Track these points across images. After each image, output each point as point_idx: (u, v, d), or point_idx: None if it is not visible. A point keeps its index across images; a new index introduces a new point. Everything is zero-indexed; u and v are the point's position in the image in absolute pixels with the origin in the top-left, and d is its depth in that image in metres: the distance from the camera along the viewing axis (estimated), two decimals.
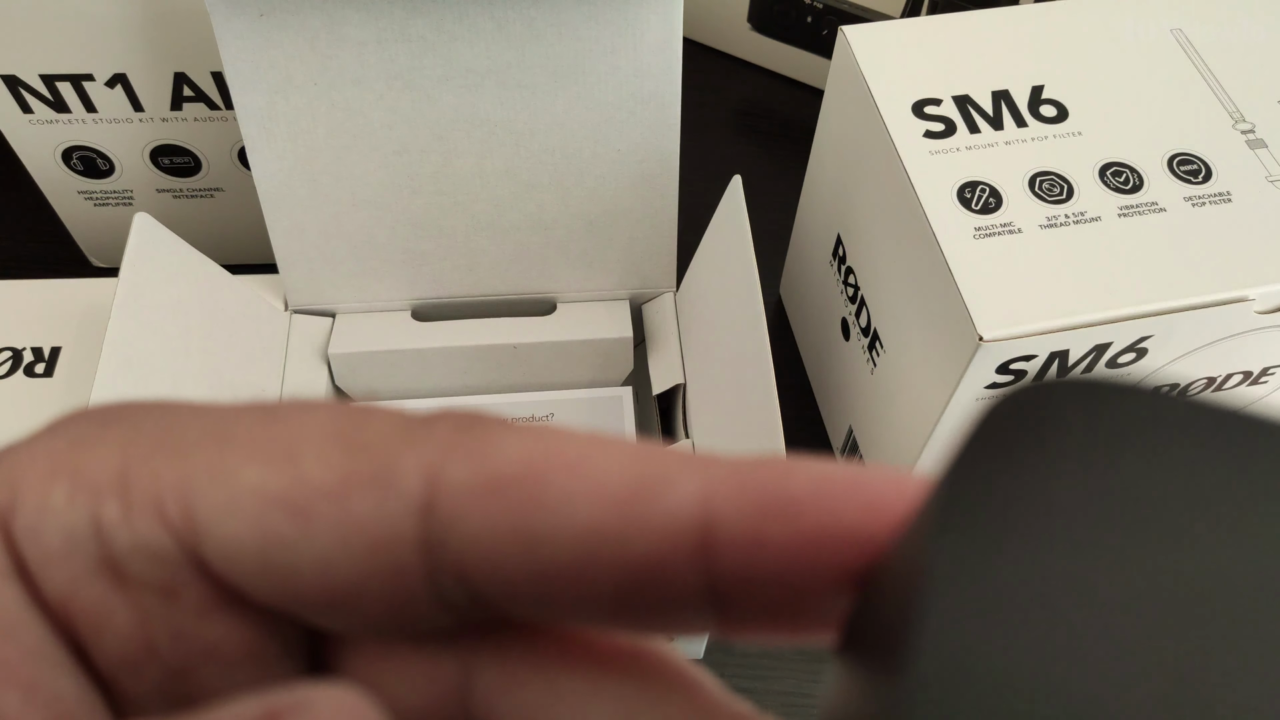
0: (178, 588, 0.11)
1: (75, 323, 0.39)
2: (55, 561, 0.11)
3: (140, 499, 0.11)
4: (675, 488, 0.10)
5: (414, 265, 0.40)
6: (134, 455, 0.11)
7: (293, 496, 0.10)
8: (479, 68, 0.35)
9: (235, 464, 0.11)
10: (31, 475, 0.11)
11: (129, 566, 0.11)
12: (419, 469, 0.10)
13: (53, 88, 0.39)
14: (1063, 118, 0.34)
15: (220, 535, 0.10)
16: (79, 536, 0.11)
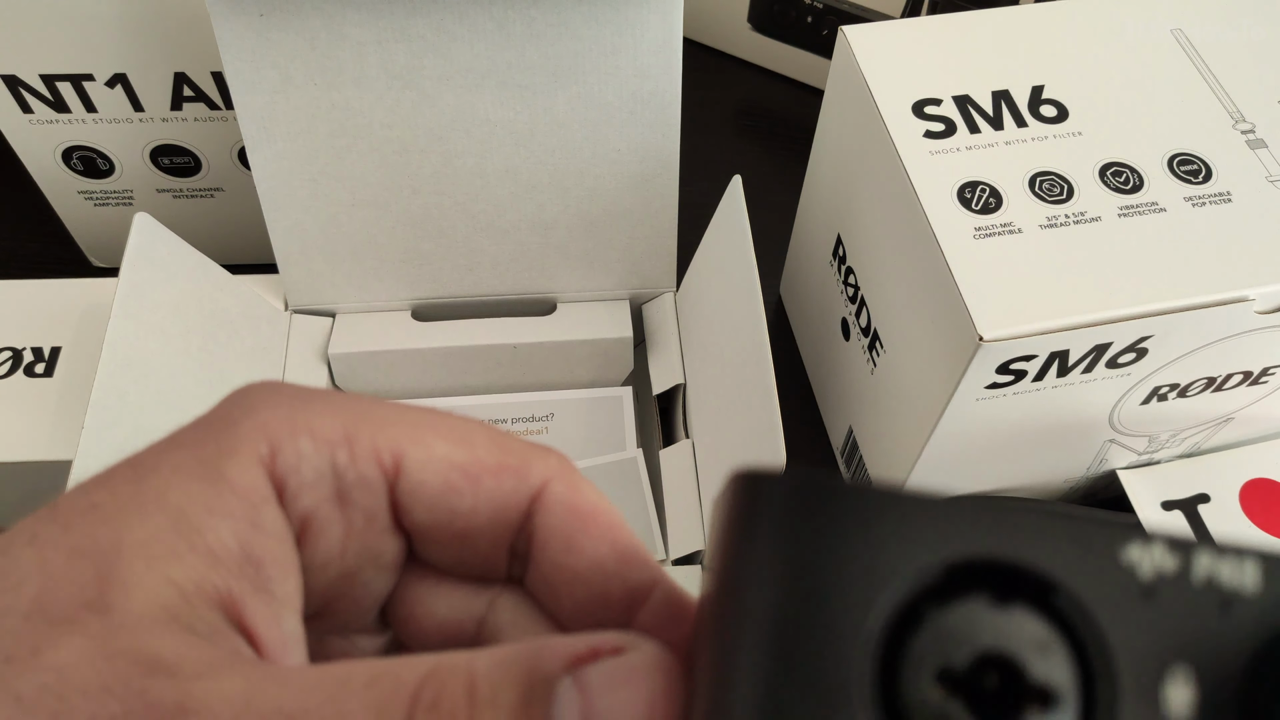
0: (377, 513, 0.16)
1: (75, 323, 0.39)
2: (306, 489, 0.16)
3: (362, 452, 0.16)
4: (646, 570, 0.17)
5: (414, 265, 0.40)
6: (350, 421, 0.16)
7: (469, 467, 0.16)
8: (479, 68, 0.35)
9: (431, 437, 0.16)
10: (280, 431, 0.15)
11: (351, 494, 0.16)
12: (541, 475, 0.17)
13: (53, 88, 0.39)
14: (1063, 118, 0.33)
15: (417, 480, 0.16)
16: (323, 472, 0.16)
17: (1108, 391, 0.33)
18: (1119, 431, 0.36)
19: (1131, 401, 0.34)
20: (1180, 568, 0.11)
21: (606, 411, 0.41)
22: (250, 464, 0.15)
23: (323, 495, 0.16)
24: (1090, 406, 0.34)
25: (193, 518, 0.14)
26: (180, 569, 0.14)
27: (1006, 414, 0.33)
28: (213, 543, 0.14)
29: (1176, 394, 0.34)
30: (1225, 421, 0.37)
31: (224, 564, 0.14)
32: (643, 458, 0.39)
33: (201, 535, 0.14)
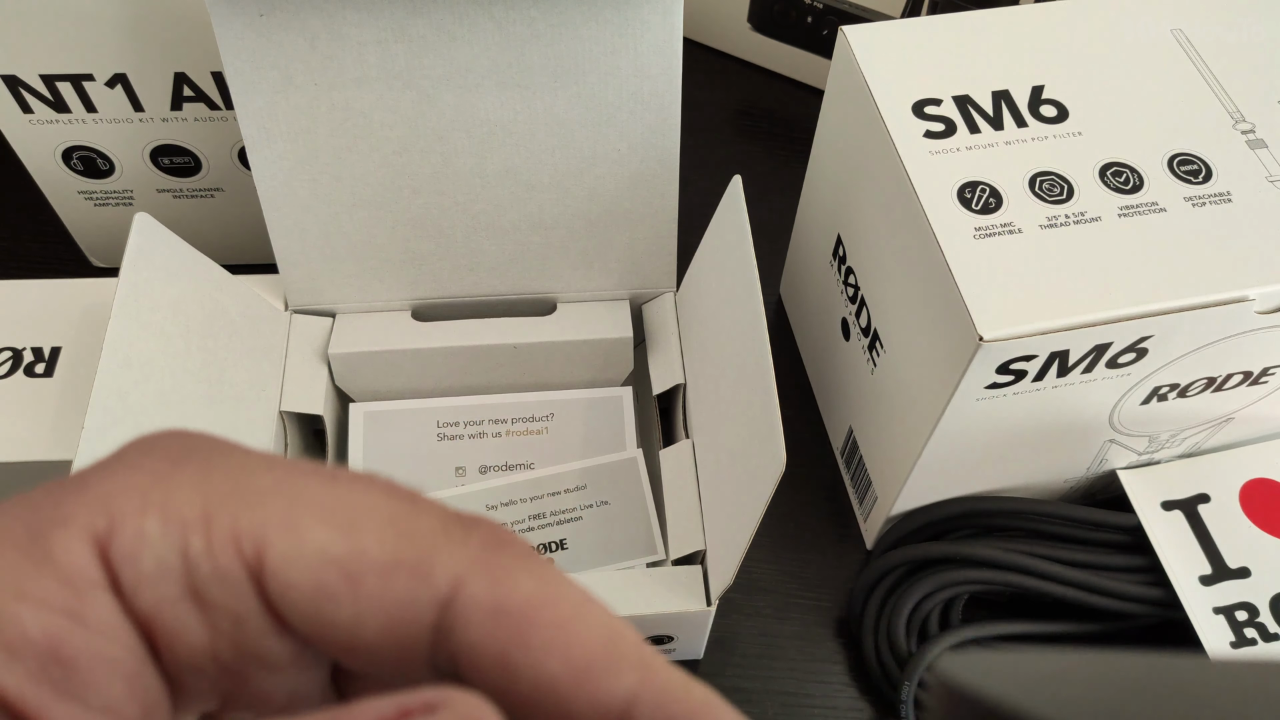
0: (244, 614, 0.13)
1: (75, 323, 0.39)
2: (147, 583, 0.13)
3: (220, 537, 0.13)
4: (619, 680, 0.13)
5: (414, 265, 0.40)
6: (213, 497, 0.13)
7: (348, 563, 0.13)
8: (479, 68, 0.35)
9: (305, 523, 0.13)
10: (126, 506, 0.13)
11: (207, 592, 0.13)
12: (450, 572, 0.13)
13: (53, 88, 0.39)
14: (1063, 118, 0.33)
15: (284, 579, 0.13)
16: (169, 564, 0.13)
17: (1108, 392, 0.33)
18: (1119, 432, 0.36)
19: (1131, 402, 0.34)
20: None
21: (606, 411, 0.41)
22: (79, 541, 0.13)
23: (170, 592, 0.13)
24: (1090, 406, 0.34)
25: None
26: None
27: (1006, 414, 0.33)
28: (11, 634, 0.12)
29: (1176, 394, 0.34)
30: (1225, 421, 0.37)
31: (22, 662, 0.12)
32: (643, 458, 0.39)
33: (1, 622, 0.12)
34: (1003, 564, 0.36)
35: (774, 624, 0.39)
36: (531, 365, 0.41)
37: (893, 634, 0.37)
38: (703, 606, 0.34)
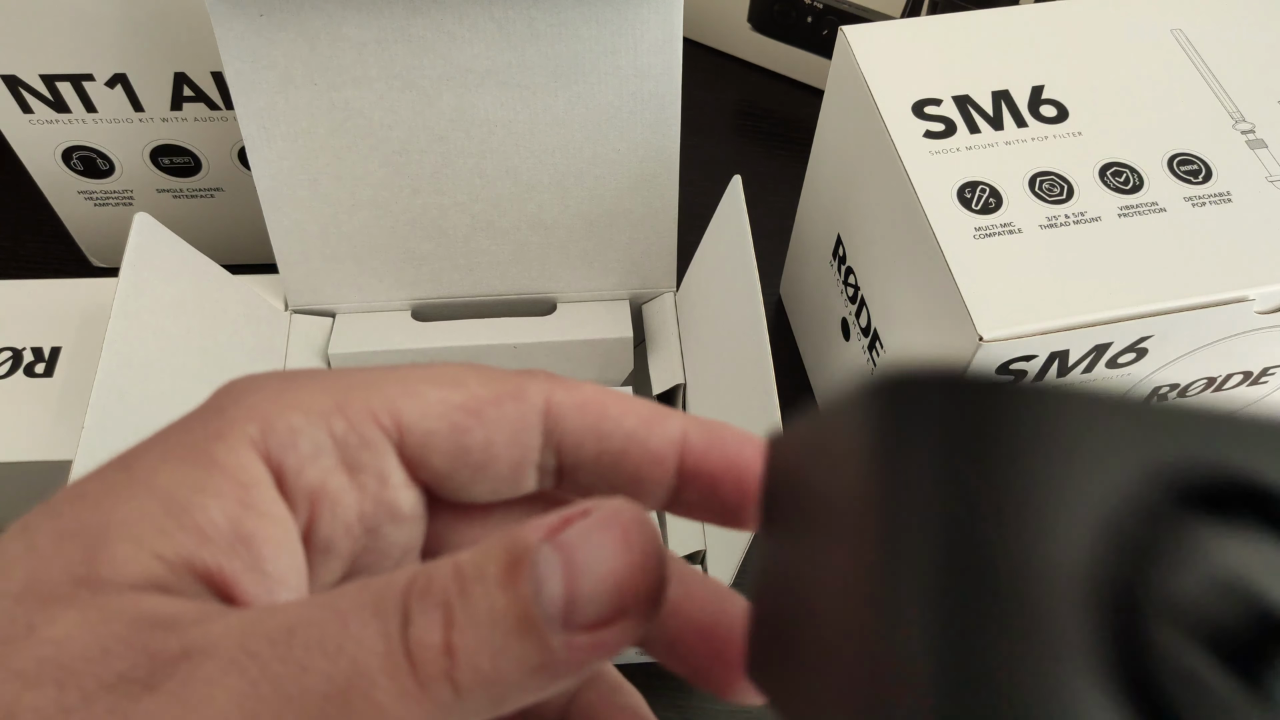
0: (388, 472, 0.17)
1: (75, 323, 0.39)
2: (308, 463, 0.16)
3: (357, 416, 0.16)
4: (671, 421, 0.17)
5: (414, 265, 0.40)
6: (336, 392, 0.16)
7: (468, 404, 0.17)
8: (479, 68, 0.35)
9: (421, 389, 0.17)
10: (269, 413, 0.16)
11: (358, 460, 0.16)
12: (540, 392, 0.17)
13: (53, 88, 0.39)
14: (1063, 118, 0.33)
15: (422, 430, 0.16)
16: (322, 444, 0.16)
17: None
18: None
19: None
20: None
21: None
22: (239, 446, 0.15)
23: (328, 465, 0.16)
24: None
25: (181, 498, 0.15)
26: (168, 545, 0.14)
27: None
28: (201, 521, 0.15)
29: (1176, 394, 0.34)
30: None
31: (213, 542, 0.15)
32: None
33: (190, 514, 0.15)
34: None
35: None
36: (531, 365, 0.41)
37: None
38: None
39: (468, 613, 0.13)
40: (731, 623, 0.17)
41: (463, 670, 0.13)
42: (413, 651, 0.13)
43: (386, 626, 0.13)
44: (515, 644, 0.13)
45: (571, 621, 0.13)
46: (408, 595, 0.13)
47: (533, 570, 0.13)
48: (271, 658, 0.13)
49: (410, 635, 0.13)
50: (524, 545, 0.14)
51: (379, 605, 0.13)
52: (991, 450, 0.08)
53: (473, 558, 0.14)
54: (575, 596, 0.13)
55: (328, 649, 0.13)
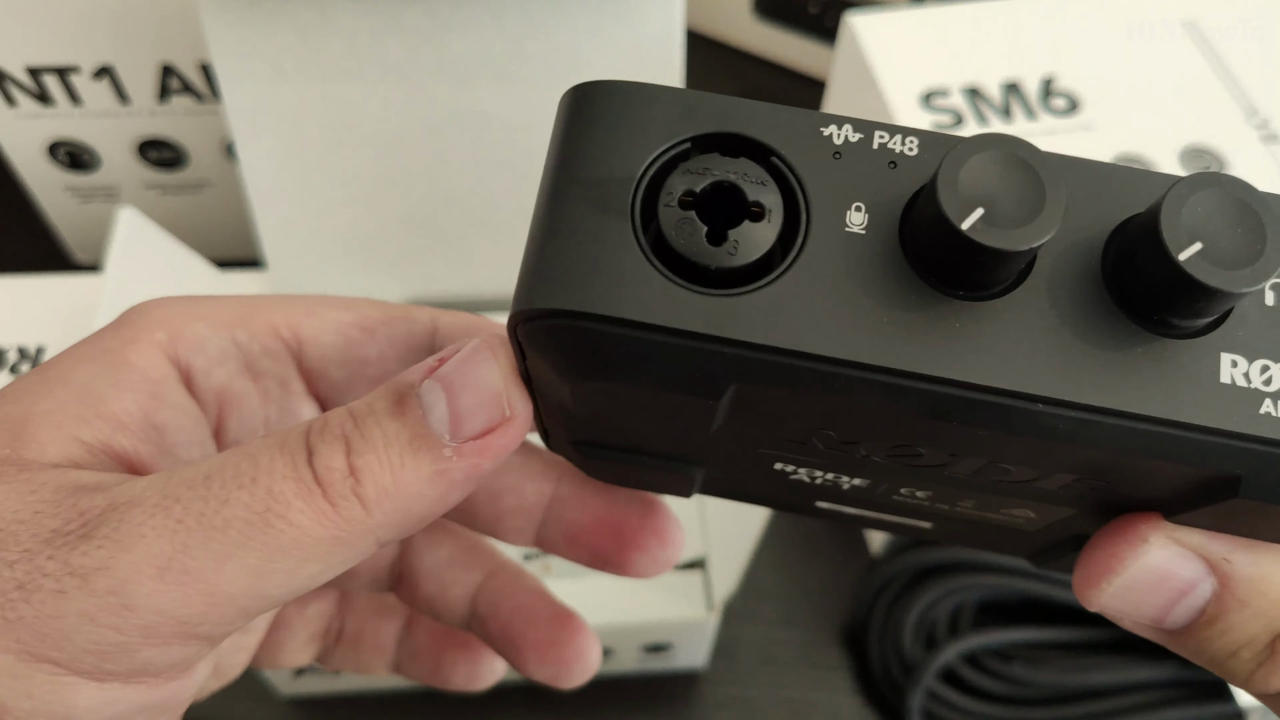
0: (288, 379, 0.19)
1: (60, 321, 0.38)
2: (214, 367, 0.18)
3: (259, 328, 0.18)
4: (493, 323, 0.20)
5: (406, 261, 0.39)
6: (239, 308, 0.18)
7: (361, 322, 0.19)
8: (474, 59, 0.34)
9: (319, 309, 0.19)
10: (175, 322, 0.18)
11: (259, 365, 0.19)
12: (428, 315, 0.20)
13: (38, 80, 0.38)
14: (1074, 110, 0.33)
15: (320, 344, 0.19)
16: (227, 351, 0.18)
17: None
18: None
19: None
20: (863, 139, 0.14)
21: None
22: (149, 348, 0.17)
23: (232, 370, 0.18)
24: None
25: (96, 391, 0.16)
26: (87, 430, 0.16)
27: None
28: (116, 410, 0.16)
29: None
30: None
31: (128, 428, 0.16)
32: None
33: (106, 404, 0.16)
34: (1011, 569, 0.36)
35: (778, 631, 0.39)
36: None
37: (899, 641, 0.36)
38: (701, 613, 0.33)
39: (365, 440, 0.15)
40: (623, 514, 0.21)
41: (367, 486, 0.15)
42: (320, 475, 0.15)
43: (293, 458, 0.15)
44: (411, 458, 0.15)
45: (459, 432, 0.15)
46: (308, 433, 0.15)
47: (418, 400, 0.15)
48: (193, 498, 0.15)
49: (315, 463, 0.15)
50: (407, 383, 0.16)
51: (284, 443, 0.15)
52: (619, 125, 0.15)
53: (362, 401, 0.16)
54: (459, 412, 0.15)
55: (243, 482, 0.15)
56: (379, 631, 0.25)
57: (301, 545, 0.15)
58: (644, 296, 0.14)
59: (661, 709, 0.37)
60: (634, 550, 0.21)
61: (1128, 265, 0.14)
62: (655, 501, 0.22)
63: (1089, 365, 0.14)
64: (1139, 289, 0.14)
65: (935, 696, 0.35)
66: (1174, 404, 0.14)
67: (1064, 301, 0.14)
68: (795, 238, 0.14)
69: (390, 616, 0.25)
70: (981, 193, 0.13)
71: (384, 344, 0.19)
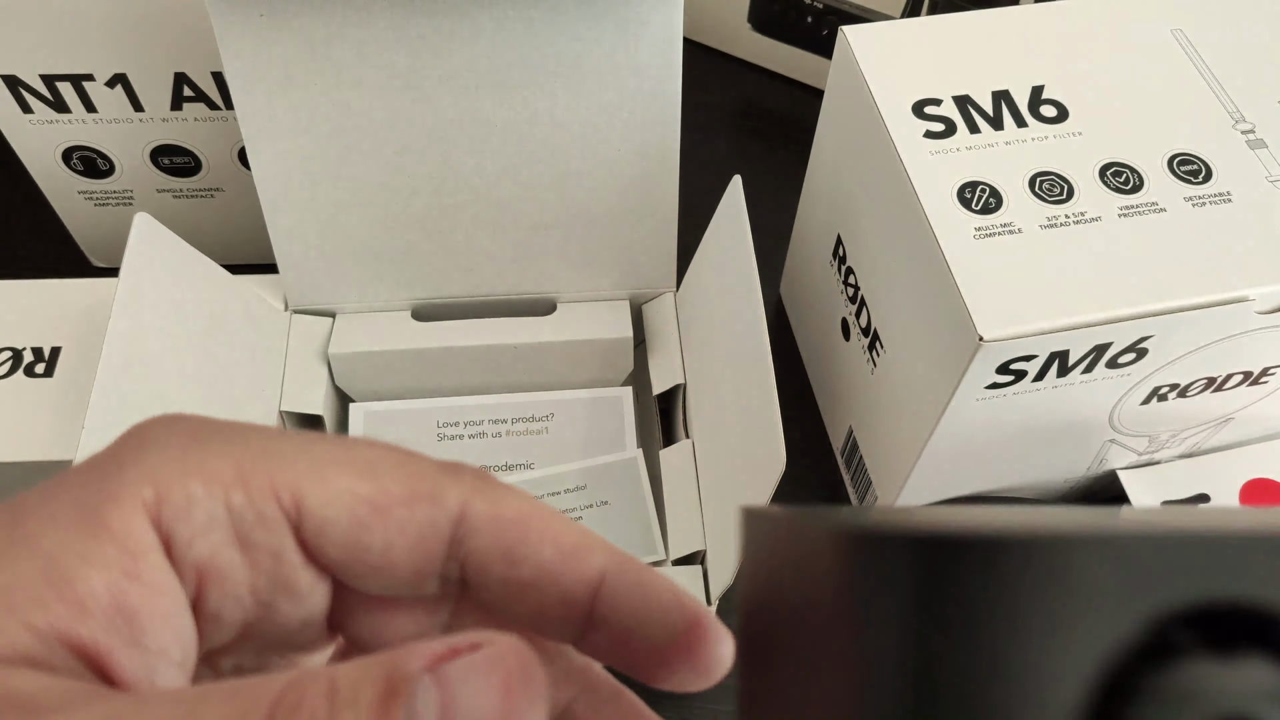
0: (282, 551, 0.16)
1: (75, 323, 0.39)
2: (200, 535, 0.15)
3: (258, 491, 0.16)
4: (591, 560, 0.17)
5: (414, 265, 0.40)
6: (243, 461, 0.16)
7: (376, 499, 0.16)
8: (479, 68, 0.35)
9: (331, 473, 0.16)
10: (168, 476, 0.15)
11: (251, 536, 0.16)
12: (457, 498, 0.16)
13: (53, 88, 0.39)
14: (1063, 118, 0.33)
15: (320, 518, 0.16)
16: (217, 517, 0.15)
17: (1108, 392, 0.33)
18: (1119, 431, 0.36)
19: (1131, 401, 0.34)
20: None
21: (606, 411, 0.41)
22: (132, 511, 0.15)
23: (220, 540, 0.16)
24: (1090, 407, 0.34)
25: (64, 566, 0.14)
26: (43, 616, 0.14)
27: (1006, 414, 0.33)
28: (82, 592, 0.14)
29: (1176, 394, 0.34)
30: (1225, 421, 0.37)
31: (92, 615, 0.14)
32: (643, 458, 0.39)
33: (71, 584, 0.14)
34: None
35: None
36: (531, 365, 0.41)
37: None
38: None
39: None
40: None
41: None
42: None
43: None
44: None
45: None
46: (274, 709, 0.13)
47: (409, 702, 0.13)
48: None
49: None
50: (403, 674, 0.13)
51: (243, 716, 0.13)
52: (958, 615, 0.08)
53: (349, 677, 0.13)
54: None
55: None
56: None
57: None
58: None
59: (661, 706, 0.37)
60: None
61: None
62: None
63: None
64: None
65: None
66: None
67: None
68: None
69: None
70: None
71: (393, 531, 0.16)
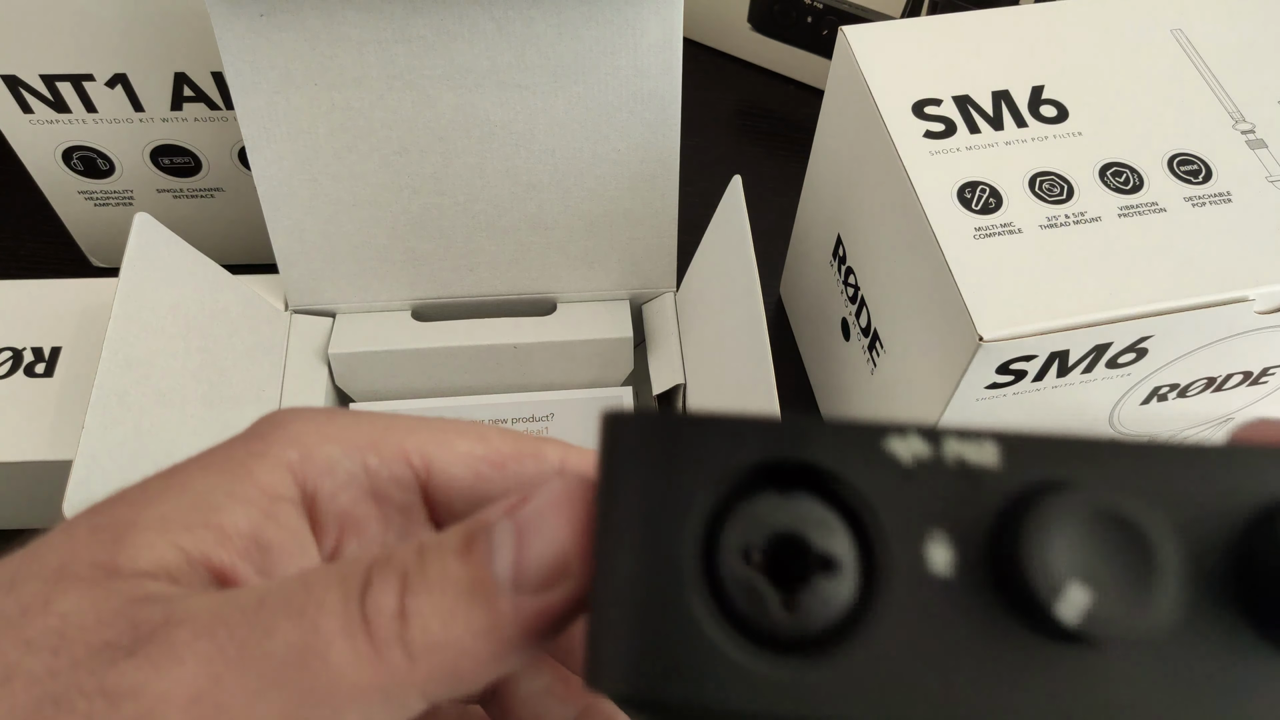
0: (412, 507, 0.18)
1: (75, 323, 0.39)
2: (340, 491, 0.17)
3: (390, 454, 0.18)
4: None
5: (414, 265, 0.40)
6: (374, 431, 0.18)
7: (491, 457, 0.18)
8: (479, 68, 0.35)
9: (451, 439, 0.18)
10: (310, 441, 0.17)
11: (386, 492, 0.18)
12: (557, 453, 0.19)
13: (53, 88, 0.39)
14: (1063, 118, 0.33)
15: (448, 475, 0.18)
16: (356, 475, 0.18)
17: (1108, 392, 0.33)
18: (1119, 432, 0.36)
19: (1131, 402, 0.34)
20: (933, 452, 0.13)
21: None
22: (277, 466, 0.17)
23: (358, 494, 0.18)
24: (1090, 407, 0.34)
25: (213, 501, 0.16)
26: (189, 539, 0.15)
27: (1006, 414, 0.33)
28: (224, 521, 0.16)
29: (1176, 394, 0.34)
30: (1225, 421, 0.37)
31: (232, 542, 0.16)
32: None
33: (216, 514, 0.16)
34: None
35: None
36: (531, 365, 0.41)
37: None
38: None
39: (423, 578, 0.14)
40: None
41: (414, 632, 0.14)
42: (368, 614, 0.14)
43: (347, 592, 0.14)
44: (465, 607, 0.14)
45: (519, 583, 0.14)
46: (371, 566, 0.14)
47: (488, 540, 0.14)
48: (240, 623, 0.14)
49: (367, 599, 0.14)
50: (483, 522, 0.14)
51: (344, 575, 0.14)
52: (658, 464, 0.13)
53: (437, 536, 0.15)
54: (523, 561, 0.14)
55: (291, 613, 0.14)
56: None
57: (338, 691, 0.13)
58: (715, 678, 0.12)
59: None
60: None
61: (1269, 594, 0.12)
62: None
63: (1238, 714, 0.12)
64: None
65: None
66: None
67: (1201, 637, 0.12)
68: (872, 587, 0.13)
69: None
70: (1077, 567, 0.12)
71: (511, 482, 0.18)
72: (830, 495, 0.13)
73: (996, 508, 0.13)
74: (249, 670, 0.13)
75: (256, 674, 0.13)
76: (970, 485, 0.13)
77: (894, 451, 0.13)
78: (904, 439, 0.13)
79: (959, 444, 0.13)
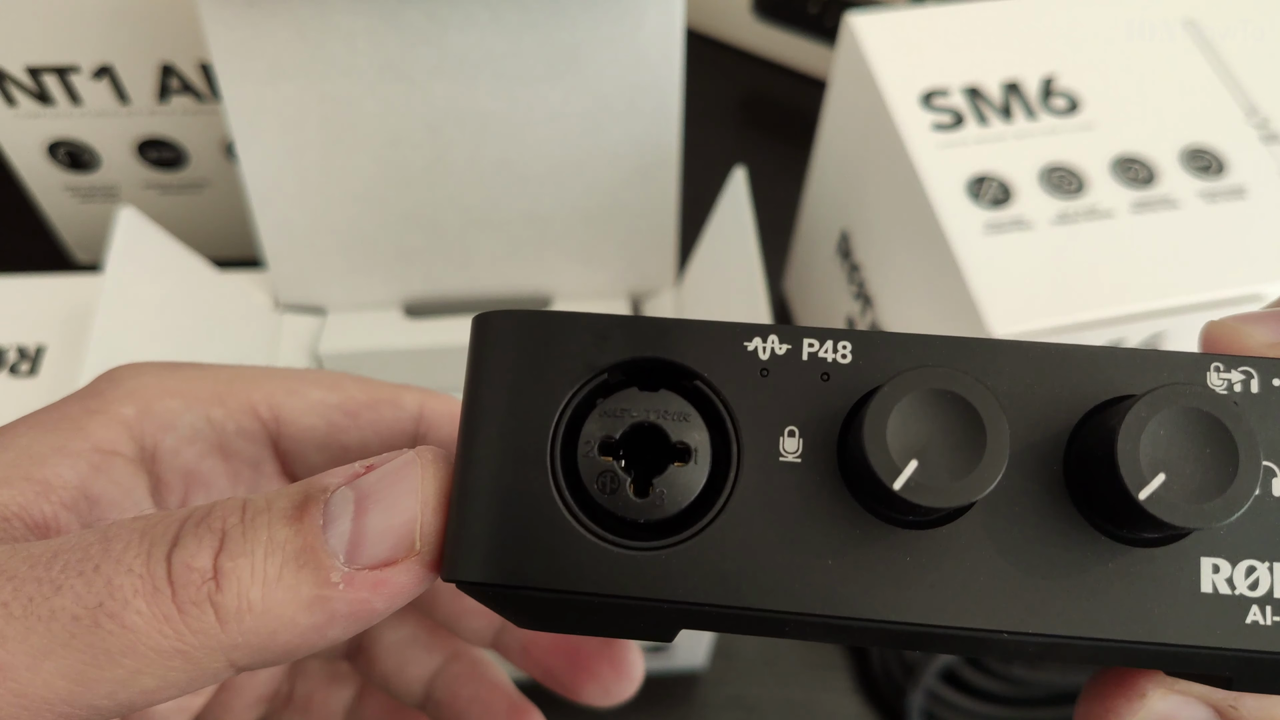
0: (261, 461, 0.18)
1: (60, 321, 0.38)
2: (183, 446, 0.17)
3: (237, 405, 0.17)
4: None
5: (406, 261, 0.39)
6: (218, 383, 0.17)
7: (345, 405, 0.18)
8: (473, 58, 0.34)
9: (302, 388, 0.18)
10: (148, 395, 0.17)
11: (233, 446, 0.18)
12: (415, 400, 0.19)
13: (38, 79, 0.38)
14: (1074, 110, 0.33)
15: (301, 426, 0.18)
16: (199, 429, 0.17)
17: None
18: None
19: None
20: (791, 350, 0.14)
21: None
22: (111, 422, 0.16)
23: (203, 449, 0.17)
24: None
25: (36, 455, 0.16)
26: (7, 493, 0.15)
27: None
28: (49, 475, 0.16)
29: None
30: None
31: (57, 493, 0.16)
32: None
33: (40, 468, 0.16)
34: None
35: None
36: None
37: None
38: None
39: (244, 539, 0.13)
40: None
41: (227, 594, 0.13)
42: (174, 573, 0.13)
43: (151, 547, 0.13)
44: (292, 574, 0.13)
45: (354, 556, 0.13)
46: (184, 522, 0.13)
47: (325, 507, 0.13)
48: (28, 578, 0.13)
49: (174, 557, 0.13)
50: (320, 485, 0.14)
51: (149, 529, 0.13)
52: (526, 358, 0.14)
53: (265, 495, 0.14)
54: (362, 534, 0.13)
55: (84, 568, 0.13)
56: (329, 699, 0.23)
57: (134, 653, 0.13)
58: (572, 563, 0.13)
59: (661, 709, 0.37)
60: (587, 678, 0.20)
61: (1089, 486, 0.13)
62: None
63: (1054, 590, 0.13)
64: (1103, 509, 0.13)
65: (935, 696, 0.35)
66: (1151, 625, 0.13)
67: (1025, 517, 0.13)
68: (727, 475, 0.13)
69: (342, 684, 0.24)
70: (915, 441, 0.12)
71: (367, 430, 0.18)
72: (691, 391, 0.14)
73: (848, 399, 0.13)
74: (33, 628, 0.12)
75: (42, 632, 0.12)
76: (824, 381, 0.14)
77: (753, 349, 0.14)
78: (765, 339, 0.14)
79: (817, 342, 0.14)
